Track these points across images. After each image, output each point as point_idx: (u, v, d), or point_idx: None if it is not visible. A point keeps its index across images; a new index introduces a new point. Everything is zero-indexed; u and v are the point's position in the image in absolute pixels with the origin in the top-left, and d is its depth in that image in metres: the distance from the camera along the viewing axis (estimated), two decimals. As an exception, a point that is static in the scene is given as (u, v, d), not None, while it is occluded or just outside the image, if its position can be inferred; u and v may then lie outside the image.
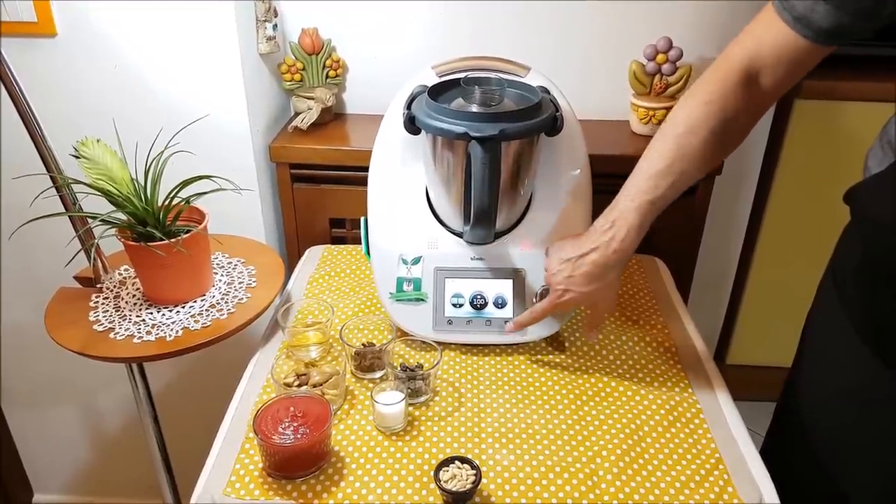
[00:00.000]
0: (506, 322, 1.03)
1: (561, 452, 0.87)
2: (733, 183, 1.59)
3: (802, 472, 0.95)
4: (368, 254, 1.08)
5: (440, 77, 1.05)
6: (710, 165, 0.86)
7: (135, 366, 1.14)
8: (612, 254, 0.87)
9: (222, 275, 1.16)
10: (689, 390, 0.98)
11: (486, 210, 0.94)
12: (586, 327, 0.99)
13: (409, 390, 0.93)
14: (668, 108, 1.38)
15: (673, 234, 1.42)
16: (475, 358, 1.04)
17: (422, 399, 0.95)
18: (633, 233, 0.86)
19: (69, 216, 1.05)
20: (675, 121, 0.85)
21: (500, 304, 1.03)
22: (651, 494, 0.82)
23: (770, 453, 1.03)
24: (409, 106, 0.98)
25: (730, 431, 0.91)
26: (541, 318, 0.98)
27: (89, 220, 1.05)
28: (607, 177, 1.34)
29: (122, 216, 1.03)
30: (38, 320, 1.06)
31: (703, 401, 0.96)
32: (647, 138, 1.40)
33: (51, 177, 1.03)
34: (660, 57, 1.36)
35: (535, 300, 1.03)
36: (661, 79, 1.38)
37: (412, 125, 0.96)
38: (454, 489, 0.79)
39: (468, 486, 0.79)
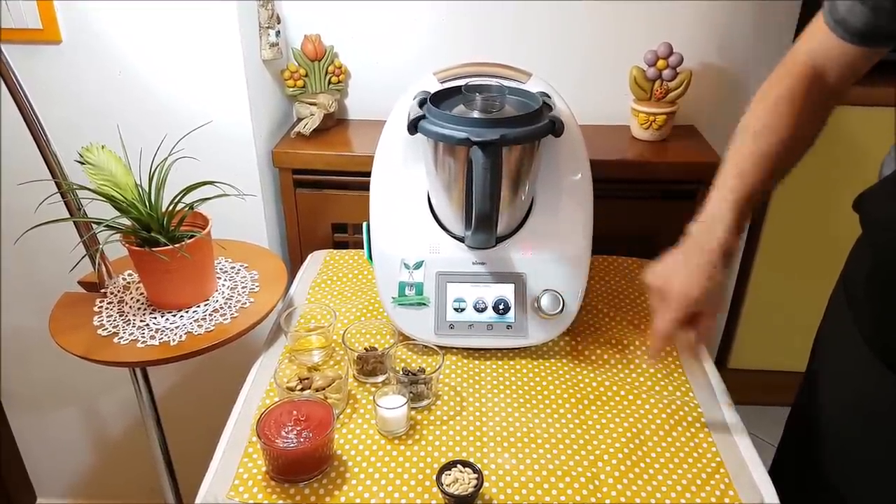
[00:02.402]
0: (507, 327, 1.03)
1: (563, 456, 0.87)
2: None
3: (813, 486, 0.94)
4: (371, 258, 1.09)
5: (442, 83, 1.06)
6: (794, 161, 0.86)
7: (138, 370, 1.14)
8: (718, 248, 0.84)
9: (225, 280, 1.16)
10: (691, 394, 0.99)
11: (488, 215, 0.95)
12: (698, 341, 0.87)
13: (412, 394, 0.94)
14: (669, 114, 1.39)
15: (674, 238, 1.42)
16: (477, 362, 1.04)
17: (424, 403, 0.95)
18: (732, 228, 0.84)
19: (74, 222, 1.06)
20: (747, 124, 0.85)
21: (501, 308, 1.04)
22: (652, 498, 0.82)
23: (781, 466, 1.02)
24: (421, 105, 0.99)
25: (731, 435, 0.92)
26: (668, 335, 0.86)
27: (94, 226, 1.06)
28: (608, 181, 1.35)
29: (126, 222, 1.04)
30: (42, 324, 1.07)
31: (704, 405, 0.97)
32: (648, 143, 1.43)
33: (55, 182, 1.04)
34: (660, 62, 1.36)
35: (535, 304, 1.03)
36: (661, 84, 1.38)
37: (415, 128, 0.97)
38: (456, 493, 0.79)
39: (470, 490, 0.79)
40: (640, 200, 1.41)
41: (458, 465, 0.83)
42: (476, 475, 0.81)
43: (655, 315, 0.86)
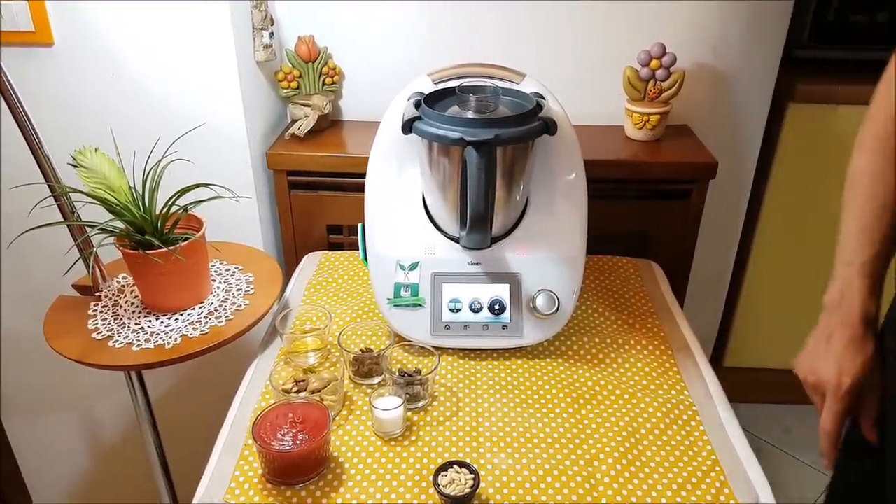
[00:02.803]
0: (503, 327, 1.03)
1: (559, 455, 0.87)
2: (728, 186, 1.60)
3: None
4: (366, 260, 1.09)
5: (436, 84, 1.06)
6: None
7: (133, 373, 1.14)
8: (858, 320, 0.77)
9: (220, 282, 1.16)
10: (686, 392, 0.99)
11: (482, 215, 0.95)
12: (866, 425, 0.78)
13: (408, 395, 0.94)
14: (663, 114, 1.40)
15: (669, 237, 1.43)
16: (473, 362, 1.04)
17: (420, 404, 0.95)
18: (867, 294, 0.77)
19: (67, 225, 1.06)
20: (854, 179, 0.80)
21: (497, 308, 1.04)
22: (648, 497, 0.82)
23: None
24: (415, 106, 0.99)
25: (726, 433, 0.92)
26: (835, 433, 0.78)
27: (87, 229, 1.05)
28: (602, 181, 1.36)
29: (120, 224, 1.04)
30: (36, 329, 1.06)
31: (699, 403, 0.97)
32: (642, 143, 1.43)
33: (49, 186, 1.03)
34: (654, 62, 1.37)
35: (531, 305, 1.03)
36: (655, 84, 1.39)
37: (409, 129, 0.97)
38: (453, 493, 0.79)
39: (467, 491, 0.79)
40: (635, 200, 1.42)
41: (455, 466, 0.83)
42: (472, 476, 0.81)
43: (818, 411, 0.79)
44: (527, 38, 1.43)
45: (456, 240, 1.06)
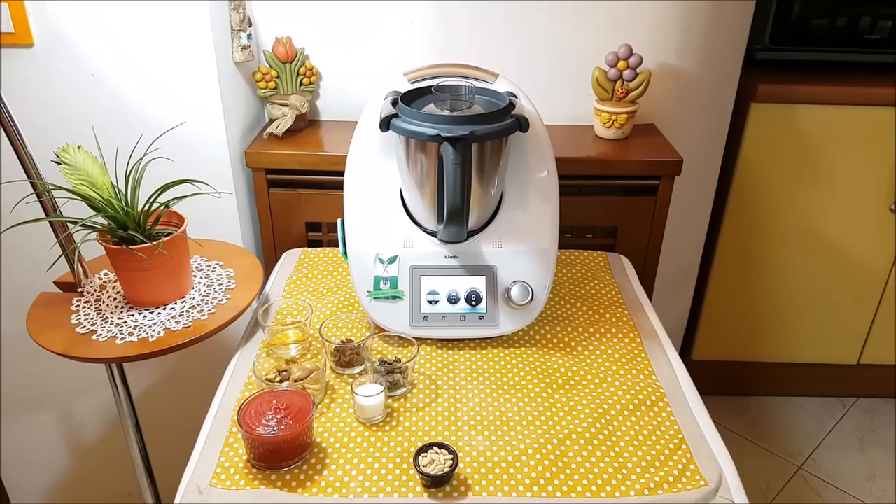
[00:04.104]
0: (480, 317, 1.07)
1: (533, 436, 0.91)
2: (694, 183, 1.66)
3: None
4: (346, 255, 1.12)
5: (412, 83, 1.09)
6: None
7: (116, 370, 1.15)
8: None
9: (201, 277, 1.18)
10: (654, 377, 1.03)
11: (459, 209, 0.98)
12: None
13: (388, 383, 0.97)
14: (630, 113, 1.45)
15: (637, 232, 1.48)
16: (451, 352, 1.08)
17: (400, 392, 0.98)
18: None
19: (50, 222, 1.07)
20: None
21: (473, 300, 1.07)
22: (619, 474, 0.86)
23: None
24: (393, 104, 1.02)
25: (691, 413, 0.96)
26: None
27: (70, 225, 1.07)
28: (573, 178, 1.40)
29: (103, 221, 1.05)
30: (17, 327, 1.07)
31: (666, 386, 1.01)
32: (610, 141, 1.48)
33: (31, 183, 1.05)
34: (621, 63, 1.42)
35: (506, 296, 1.07)
36: (622, 84, 1.44)
37: (387, 126, 1.00)
38: (433, 472, 0.82)
39: (446, 470, 0.83)
40: (604, 196, 1.46)
41: (434, 448, 0.86)
42: (451, 456, 0.85)
43: None
44: (500, 39, 1.47)
45: (433, 234, 1.10)
